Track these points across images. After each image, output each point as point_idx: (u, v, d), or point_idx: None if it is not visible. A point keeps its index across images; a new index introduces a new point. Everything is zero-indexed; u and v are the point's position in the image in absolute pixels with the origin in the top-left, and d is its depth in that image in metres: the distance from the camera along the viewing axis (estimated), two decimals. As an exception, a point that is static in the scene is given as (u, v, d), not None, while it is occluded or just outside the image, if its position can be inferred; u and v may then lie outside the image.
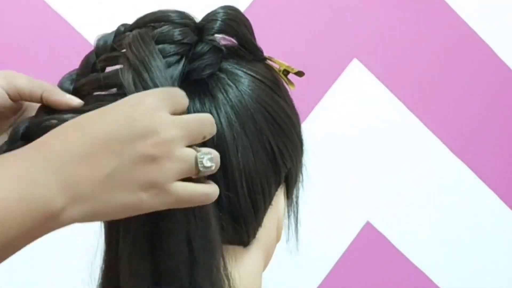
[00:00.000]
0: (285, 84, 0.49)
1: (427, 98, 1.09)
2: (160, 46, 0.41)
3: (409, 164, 1.09)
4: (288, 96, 0.49)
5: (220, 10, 0.45)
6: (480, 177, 1.11)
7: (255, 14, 1.03)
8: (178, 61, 0.41)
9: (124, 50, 0.42)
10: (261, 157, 0.43)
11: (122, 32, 0.45)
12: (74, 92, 0.44)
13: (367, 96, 1.07)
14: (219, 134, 0.41)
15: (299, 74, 0.49)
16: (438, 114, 1.09)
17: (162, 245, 0.38)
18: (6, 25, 0.96)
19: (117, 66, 0.42)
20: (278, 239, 0.51)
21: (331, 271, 1.07)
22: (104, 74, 0.43)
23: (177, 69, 0.41)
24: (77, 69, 0.46)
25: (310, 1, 1.05)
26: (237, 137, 0.41)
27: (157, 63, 0.39)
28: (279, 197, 0.47)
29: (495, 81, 1.11)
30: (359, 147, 1.07)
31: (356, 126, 1.07)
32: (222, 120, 0.41)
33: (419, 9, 1.08)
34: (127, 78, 0.39)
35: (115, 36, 0.45)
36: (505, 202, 1.12)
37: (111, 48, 0.44)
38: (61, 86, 0.45)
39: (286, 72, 0.48)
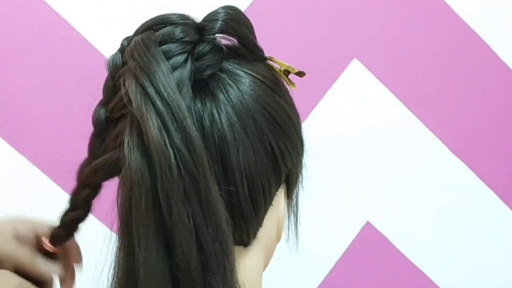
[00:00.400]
0: (285, 84, 0.49)
1: (427, 98, 1.09)
2: (164, 46, 0.41)
3: (409, 164, 1.09)
4: (289, 96, 0.49)
5: (221, 10, 0.45)
6: (480, 177, 1.11)
7: (255, 14, 1.03)
8: (184, 62, 0.41)
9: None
10: (261, 157, 0.43)
11: (126, 46, 0.45)
12: (108, 120, 0.45)
13: (367, 96, 1.07)
14: (220, 134, 0.41)
15: (300, 74, 0.49)
16: (438, 114, 1.09)
17: (174, 250, 0.37)
18: (6, 25, 0.96)
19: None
20: (278, 239, 0.51)
21: (331, 271, 1.07)
22: (123, 89, 0.42)
23: (185, 70, 0.40)
24: (102, 99, 0.46)
25: (310, 1, 1.05)
26: (238, 137, 0.41)
27: (160, 67, 0.39)
28: (280, 197, 0.47)
29: (495, 81, 1.11)
30: (359, 147, 1.07)
31: (356, 126, 1.07)
32: (223, 120, 0.41)
33: (419, 9, 1.08)
34: (131, 88, 0.38)
35: (122, 52, 0.45)
36: (505, 202, 1.12)
37: (122, 64, 0.44)
38: (97, 118, 0.45)
39: (287, 72, 0.48)
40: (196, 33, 0.43)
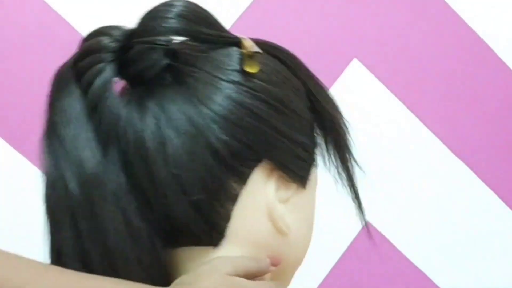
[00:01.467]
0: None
1: (427, 98, 1.08)
2: (79, 64, 0.44)
3: (409, 164, 1.09)
4: (264, 87, 0.45)
5: (161, 8, 0.44)
6: (480, 177, 1.11)
7: (255, 14, 1.03)
8: (99, 72, 0.42)
9: None
10: (199, 157, 0.41)
11: None
12: None
13: (367, 96, 1.07)
14: (142, 139, 0.41)
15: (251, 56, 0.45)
16: (439, 114, 1.09)
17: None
18: (6, 25, 0.96)
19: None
20: (281, 232, 0.48)
21: (331, 271, 1.07)
22: None
23: (99, 82, 0.42)
24: None
25: (310, 1, 1.05)
26: (167, 139, 0.40)
27: (63, 93, 0.46)
28: (259, 192, 0.45)
29: (495, 81, 1.11)
30: (359, 147, 1.07)
31: (356, 126, 1.07)
32: (148, 121, 0.41)
33: (419, 9, 1.08)
34: None
35: None
36: (505, 202, 1.12)
37: None
38: None
39: (250, 57, 0.44)
40: (114, 40, 0.43)
